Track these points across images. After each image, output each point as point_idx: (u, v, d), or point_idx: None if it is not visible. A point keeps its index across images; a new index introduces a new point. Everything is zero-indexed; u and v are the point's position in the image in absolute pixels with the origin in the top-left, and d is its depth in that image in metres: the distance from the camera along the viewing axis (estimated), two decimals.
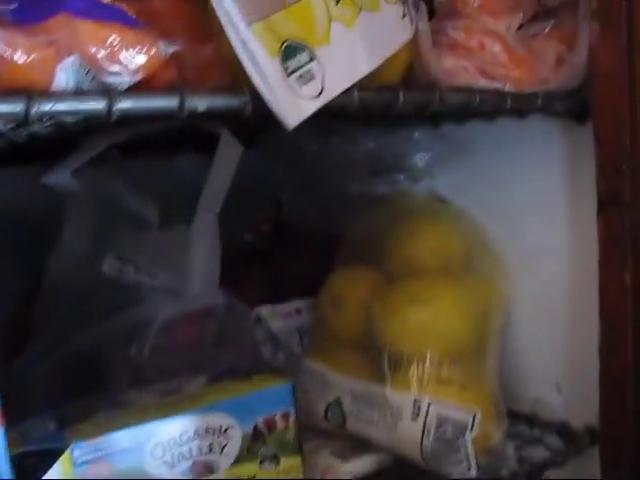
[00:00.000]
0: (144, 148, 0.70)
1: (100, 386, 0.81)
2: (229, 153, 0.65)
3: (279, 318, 0.91)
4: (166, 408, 0.66)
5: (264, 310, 0.91)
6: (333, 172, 0.93)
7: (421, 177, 0.88)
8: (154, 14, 0.54)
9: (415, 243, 0.80)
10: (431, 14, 0.67)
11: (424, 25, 0.65)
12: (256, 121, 0.51)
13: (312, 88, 0.51)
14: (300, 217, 1.04)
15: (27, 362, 0.84)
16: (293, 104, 0.50)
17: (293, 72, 0.50)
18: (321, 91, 0.52)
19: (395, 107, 0.59)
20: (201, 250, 0.73)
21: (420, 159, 0.86)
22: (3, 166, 0.73)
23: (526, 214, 0.86)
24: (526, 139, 0.83)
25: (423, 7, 0.65)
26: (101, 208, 0.75)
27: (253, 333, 0.90)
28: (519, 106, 0.68)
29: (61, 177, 0.68)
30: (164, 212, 0.74)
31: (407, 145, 0.86)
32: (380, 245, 0.82)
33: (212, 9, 0.49)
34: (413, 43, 0.65)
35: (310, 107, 0.51)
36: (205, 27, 0.53)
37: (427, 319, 0.74)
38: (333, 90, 0.53)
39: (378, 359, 0.75)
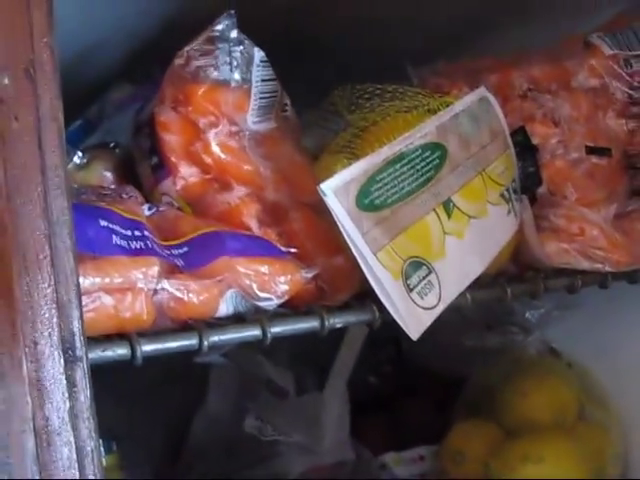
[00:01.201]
0: None
1: None
2: (357, 330, 0.73)
3: (403, 464, 0.97)
4: None
5: (389, 457, 0.97)
6: (449, 324, 0.99)
7: (534, 330, 0.94)
8: (293, 234, 0.63)
9: (529, 399, 0.86)
10: (532, 201, 0.74)
11: (528, 215, 0.72)
12: None
13: (431, 298, 0.59)
14: (420, 360, 1.11)
15: None
16: (415, 316, 0.58)
17: (414, 288, 0.58)
18: (439, 300, 0.60)
19: (504, 300, 0.66)
20: (332, 413, 0.81)
21: (532, 315, 0.92)
22: None
23: (635, 363, 0.90)
24: (632, 295, 0.88)
25: (526, 200, 0.72)
26: (243, 375, 0.84)
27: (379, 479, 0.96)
28: (620, 280, 0.74)
29: (211, 357, 0.78)
30: (299, 380, 0.82)
31: (519, 301, 0.92)
32: (496, 399, 0.88)
33: None
34: (518, 231, 0.72)
35: (430, 317, 0.59)
36: (336, 240, 0.62)
37: (542, 477, 0.79)
38: (449, 297, 0.61)
39: None
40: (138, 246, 0.53)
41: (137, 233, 0.54)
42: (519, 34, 0.92)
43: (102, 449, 0.89)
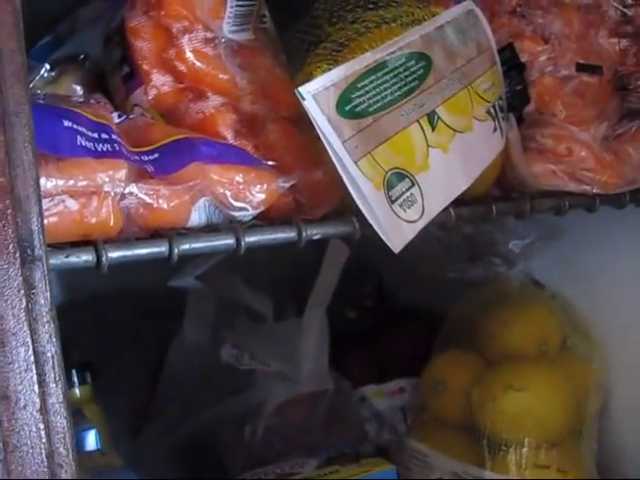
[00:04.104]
0: None
1: (217, 466, 0.87)
2: (337, 254, 0.71)
3: (383, 397, 0.96)
4: None
5: (368, 389, 0.96)
6: (431, 256, 0.98)
7: (517, 261, 0.92)
8: (270, 146, 0.61)
9: (511, 329, 0.84)
10: (519, 121, 0.71)
11: (514, 134, 0.69)
12: None
13: (414, 212, 0.57)
14: (401, 294, 1.09)
15: (148, 441, 0.91)
16: (397, 229, 0.55)
17: (396, 199, 0.56)
18: (422, 214, 0.57)
19: (489, 218, 0.64)
20: (311, 340, 0.79)
21: (516, 245, 0.90)
22: None
23: (622, 294, 0.89)
24: (621, 222, 0.86)
25: (512, 118, 0.70)
26: (220, 302, 0.82)
27: (359, 412, 0.95)
28: (608, 204, 0.72)
29: (186, 281, 0.76)
30: (277, 305, 0.80)
31: (503, 232, 0.90)
32: (478, 330, 0.87)
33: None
34: (504, 151, 0.69)
35: (413, 230, 0.57)
36: (315, 154, 0.59)
37: (524, 406, 0.77)
38: (433, 211, 0.59)
39: (478, 442, 0.79)
40: (105, 148, 0.50)
41: (104, 136, 0.51)
42: None
43: (76, 379, 0.87)
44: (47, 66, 0.69)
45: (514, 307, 0.87)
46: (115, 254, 0.48)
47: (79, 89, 0.69)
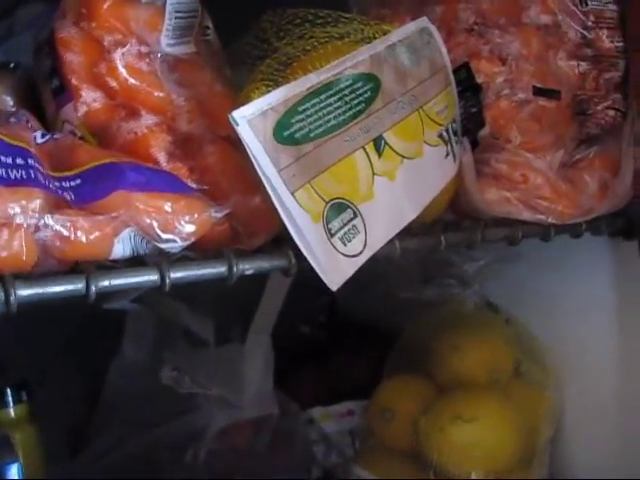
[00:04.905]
0: None
1: None
2: (281, 277, 0.67)
3: (332, 419, 0.93)
4: None
5: (317, 411, 0.93)
6: (384, 275, 0.95)
7: (471, 283, 0.89)
8: (207, 169, 0.57)
9: (463, 354, 0.82)
10: (473, 144, 0.69)
11: (467, 159, 0.67)
12: None
13: (356, 245, 0.54)
14: (355, 311, 1.06)
15: (87, 462, 0.88)
16: (336, 265, 0.52)
17: (336, 232, 0.53)
18: (364, 246, 0.54)
19: (438, 250, 0.61)
20: (255, 366, 0.76)
21: (470, 267, 0.88)
22: None
23: (574, 319, 0.87)
24: (575, 250, 0.84)
25: (466, 142, 0.67)
26: (160, 323, 0.78)
27: (306, 435, 0.92)
28: (564, 234, 0.70)
29: (122, 303, 0.72)
30: (220, 328, 0.77)
31: (457, 253, 0.88)
32: (429, 354, 0.84)
33: None
34: (457, 175, 0.67)
35: (353, 265, 0.54)
36: (254, 178, 0.56)
37: (473, 438, 0.75)
38: (377, 244, 0.55)
39: (425, 473, 0.77)
40: (19, 175, 0.46)
41: (19, 161, 0.47)
42: None
43: (10, 398, 0.83)
44: None
45: (467, 331, 0.84)
46: (26, 292, 0.44)
47: (9, 100, 0.65)
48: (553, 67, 0.70)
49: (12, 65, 0.66)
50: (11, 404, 0.83)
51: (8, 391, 0.83)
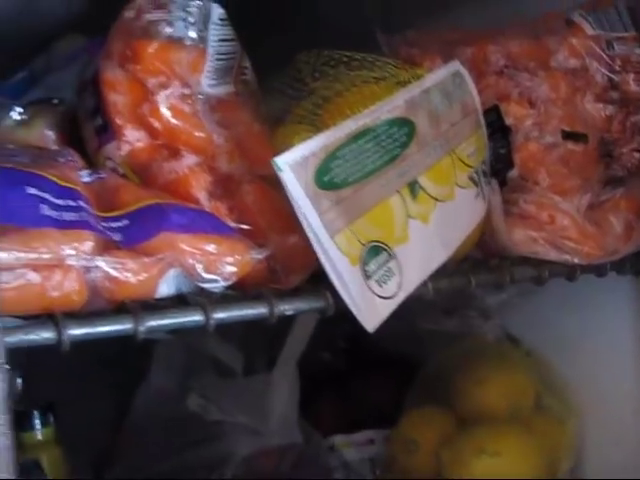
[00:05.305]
0: None
1: None
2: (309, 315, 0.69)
3: (352, 447, 0.94)
4: None
5: (338, 439, 0.94)
6: (407, 305, 0.96)
7: (493, 315, 0.90)
8: (245, 208, 0.59)
9: (485, 388, 0.83)
10: (501, 184, 0.70)
11: (496, 199, 0.68)
12: None
13: (391, 287, 0.55)
14: (377, 340, 1.07)
15: None
16: (372, 307, 0.54)
17: (372, 275, 0.54)
18: (399, 288, 0.56)
19: (468, 290, 0.62)
20: (281, 396, 0.77)
21: (493, 300, 0.89)
22: None
23: (595, 354, 0.88)
24: (598, 286, 0.85)
25: (495, 183, 0.68)
26: (189, 351, 0.80)
27: (327, 462, 0.93)
28: (589, 273, 0.71)
29: (154, 334, 0.73)
30: (247, 358, 0.78)
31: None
32: (451, 386, 0.85)
33: None
34: (485, 214, 0.68)
35: (388, 307, 0.55)
36: (291, 217, 0.57)
37: (496, 472, 0.76)
38: (411, 285, 0.57)
39: None
40: (71, 218, 0.48)
41: (71, 203, 0.49)
42: (493, 8, 0.88)
43: (38, 421, 0.85)
44: (19, 108, 0.67)
45: (489, 364, 0.85)
46: (77, 331, 0.46)
47: (52, 134, 0.67)
48: (580, 110, 0.72)
49: (56, 101, 0.68)
50: (38, 427, 0.85)
51: (35, 414, 0.85)
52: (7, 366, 0.40)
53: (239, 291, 0.55)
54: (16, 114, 0.67)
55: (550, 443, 0.82)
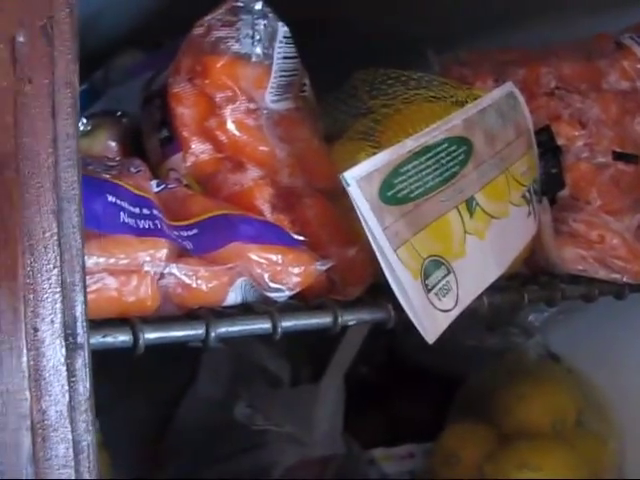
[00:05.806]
0: None
1: None
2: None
3: (392, 461, 0.95)
4: None
5: (378, 452, 0.95)
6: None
7: (534, 333, 0.91)
8: (306, 221, 0.60)
9: (527, 404, 0.84)
10: (551, 202, 0.71)
11: (546, 218, 0.69)
12: None
13: (449, 301, 0.56)
14: (415, 354, 1.08)
15: None
16: (432, 319, 0.55)
17: (432, 288, 0.56)
18: (456, 302, 0.57)
19: (521, 306, 0.64)
20: (327, 407, 0.78)
21: (535, 317, 0.90)
22: None
23: (636, 372, 0.88)
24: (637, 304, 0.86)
25: (546, 201, 0.70)
26: (237, 359, 0.81)
27: (367, 475, 0.94)
28: (638, 292, 0.72)
29: None
30: (294, 368, 0.80)
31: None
32: (493, 402, 0.86)
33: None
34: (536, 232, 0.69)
35: (447, 319, 0.56)
36: (350, 230, 0.59)
37: None
38: (467, 299, 0.58)
39: None
40: (147, 225, 0.49)
41: (145, 211, 0.50)
42: (543, 29, 0.89)
43: None
44: (84, 120, 0.69)
45: (531, 380, 0.86)
46: (152, 335, 0.47)
47: (114, 145, 0.69)
48: (630, 131, 0.73)
49: (119, 113, 0.70)
50: None
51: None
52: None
53: (300, 301, 0.57)
54: (80, 124, 0.69)
55: (591, 460, 0.83)
